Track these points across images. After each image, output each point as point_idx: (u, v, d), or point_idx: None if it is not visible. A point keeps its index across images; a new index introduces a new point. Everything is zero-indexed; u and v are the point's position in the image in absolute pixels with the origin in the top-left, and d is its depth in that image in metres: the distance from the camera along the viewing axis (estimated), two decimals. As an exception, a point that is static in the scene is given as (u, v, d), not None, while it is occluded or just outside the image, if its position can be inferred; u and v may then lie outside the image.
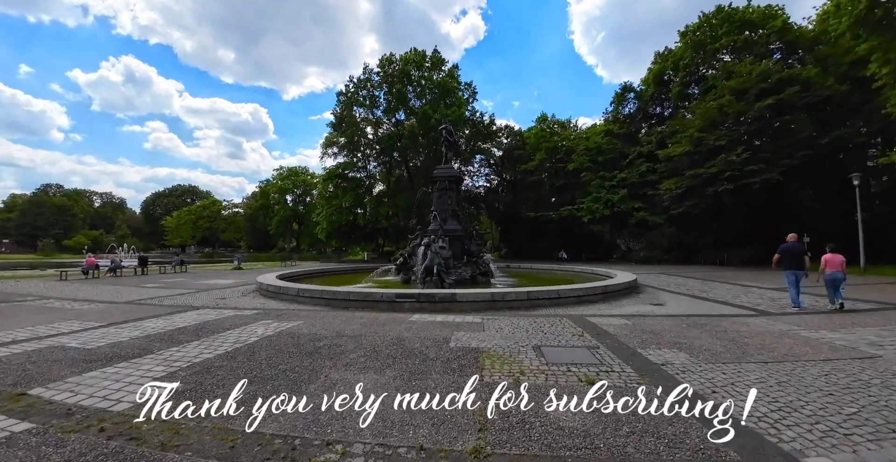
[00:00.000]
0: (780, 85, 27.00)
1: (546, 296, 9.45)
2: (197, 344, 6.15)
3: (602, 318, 8.19)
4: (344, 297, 9.39)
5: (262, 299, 11.39)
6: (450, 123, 19.09)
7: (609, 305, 10.03)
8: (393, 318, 8.03)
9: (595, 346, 5.88)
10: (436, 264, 13.49)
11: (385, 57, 35.30)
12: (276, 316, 8.52)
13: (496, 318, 8.09)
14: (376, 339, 6.22)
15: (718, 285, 15.18)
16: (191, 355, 5.49)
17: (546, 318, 8.17)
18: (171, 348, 5.87)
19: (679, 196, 27.79)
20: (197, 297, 12.16)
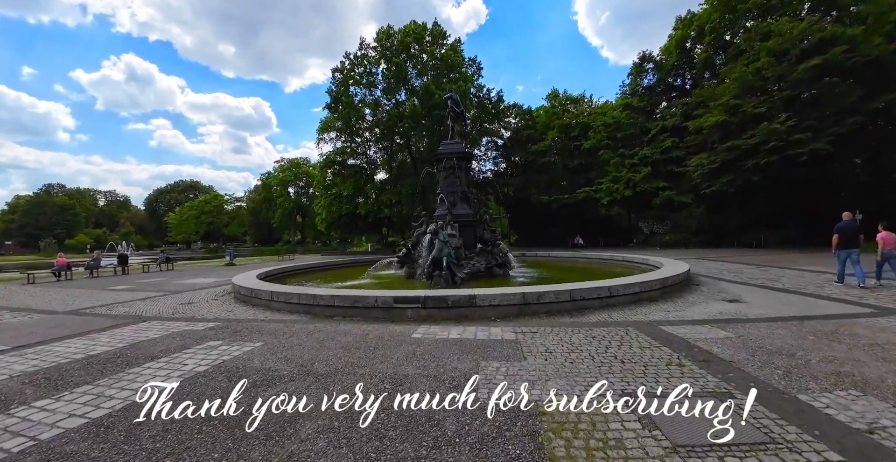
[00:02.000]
0: (822, 45, 23.94)
1: (594, 295, 7.08)
2: (70, 398, 3.89)
3: (683, 328, 5.81)
4: (327, 303, 7.10)
5: (231, 305, 9.17)
6: (455, 93, 16.47)
7: (675, 305, 7.63)
8: (389, 334, 5.72)
9: (723, 392, 3.52)
10: (445, 256, 11.15)
11: (382, 30, 32.20)
12: (232, 333, 6.26)
13: (535, 330, 5.74)
14: (360, 380, 3.90)
15: (781, 272, 12.71)
16: (23, 429, 3.22)
17: (605, 329, 5.80)
18: (14, 410, 3.62)
19: (712, 172, 25.00)
20: (158, 304, 10.01)
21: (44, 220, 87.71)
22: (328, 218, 38.08)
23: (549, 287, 7.13)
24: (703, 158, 25.36)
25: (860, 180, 24.92)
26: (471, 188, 16.05)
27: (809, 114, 22.94)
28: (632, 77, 38.46)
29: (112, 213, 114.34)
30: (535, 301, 6.67)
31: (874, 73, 24.16)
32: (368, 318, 6.81)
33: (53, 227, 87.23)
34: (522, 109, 41.13)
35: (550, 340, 5.15)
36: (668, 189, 29.76)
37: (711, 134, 26.06)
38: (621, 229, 38.89)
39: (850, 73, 23.84)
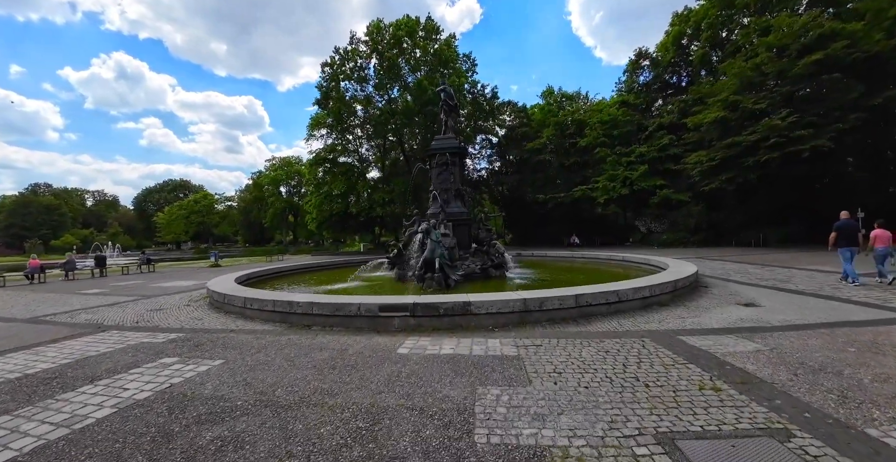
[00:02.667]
0: (822, 40, 23.54)
1: (602, 300, 6.39)
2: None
3: (706, 339, 5.14)
4: (304, 311, 6.35)
5: (203, 312, 8.37)
6: (449, 86, 15.73)
7: (688, 310, 6.97)
8: (372, 349, 4.99)
9: (777, 427, 2.83)
10: (437, 256, 10.44)
11: (373, 23, 31.23)
12: (192, 347, 5.49)
13: (538, 343, 5.03)
14: (328, 415, 3.16)
15: (789, 272, 12.17)
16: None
17: (617, 340, 5.11)
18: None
19: (711, 170, 24.49)
20: (125, 310, 9.18)
21: (29, 221, 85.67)
22: (319, 217, 37.08)
23: (553, 292, 6.44)
24: (702, 156, 24.84)
25: (862, 178, 24.52)
26: (465, 186, 15.33)
27: (810, 110, 22.50)
28: (628, 74, 37.94)
29: (100, 214, 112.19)
30: (537, 308, 5.97)
31: (875, 69, 23.81)
32: (350, 328, 6.07)
33: (39, 227, 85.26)
34: (517, 107, 40.45)
35: (558, 356, 4.45)
36: (666, 187, 29.24)
37: (710, 131, 25.56)
38: (617, 228, 38.37)
39: (850, 69, 23.46)
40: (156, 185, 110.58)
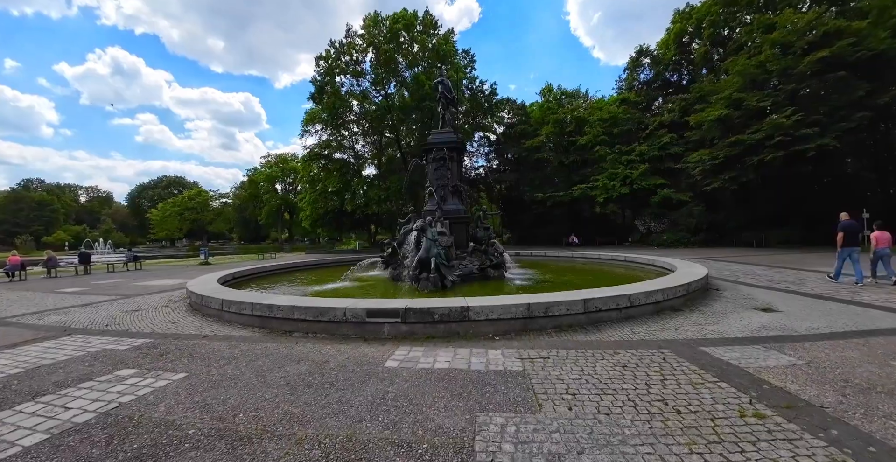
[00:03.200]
0: (826, 38, 23.14)
1: (612, 305, 5.84)
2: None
3: (731, 350, 4.60)
4: (285, 315, 5.76)
5: (181, 314, 7.77)
6: (447, 77, 15.13)
7: (704, 316, 6.44)
8: (356, 361, 4.41)
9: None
10: (433, 256, 9.88)
11: (369, 16, 30.44)
12: (157, 356, 4.90)
13: (545, 355, 4.47)
14: (294, 452, 2.58)
15: (798, 274, 11.70)
16: None
17: (633, 352, 4.56)
18: None
19: (713, 169, 24.03)
20: (98, 311, 8.58)
21: (21, 217, 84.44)
22: (313, 214, 36.32)
23: (559, 296, 5.88)
24: (704, 154, 24.39)
25: (864, 178, 24.14)
26: (463, 182, 14.76)
27: (816, 108, 22.08)
28: (628, 72, 37.47)
29: (94, 210, 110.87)
30: (543, 314, 5.41)
31: (880, 68, 23.41)
32: (336, 335, 5.49)
33: (31, 223, 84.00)
34: (516, 104, 39.84)
35: (569, 373, 3.89)
36: (667, 186, 28.78)
37: (712, 130, 25.10)
38: (616, 228, 37.93)
39: (855, 67, 23.05)
40: (150, 182, 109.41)
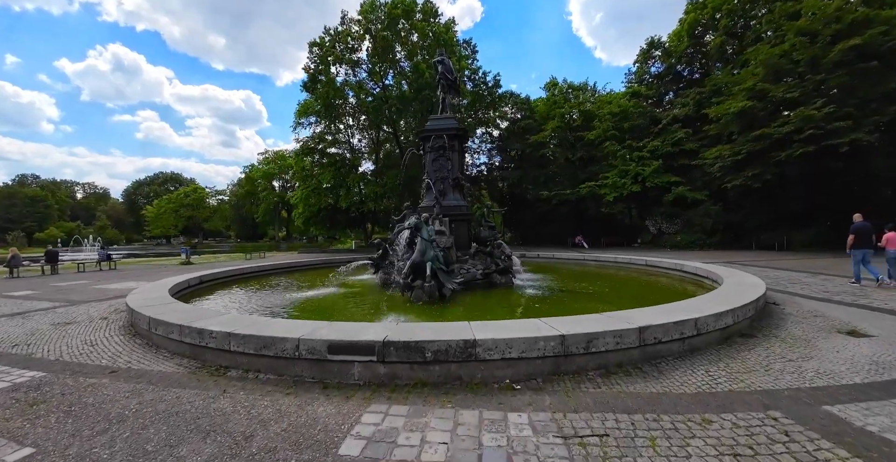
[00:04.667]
0: (854, 27, 21.50)
1: (675, 334, 4.21)
2: None
3: (866, 410, 2.98)
4: (220, 345, 4.14)
5: (110, 332, 6.12)
6: (447, 57, 13.46)
7: (787, 346, 4.80)
8: (298, 439, 2.78)
9: None
10: (429, 259, 8.24)
11: (367, 2, 28.58)
12: (27, 406, 3.29)
13: (601, 428, 2.84)
14: None
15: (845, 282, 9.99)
16: None
17: (733, 420, 2.92)
18: None
19: (734, 165, 22.35)
20: (25, 324, 7.01)
21: (14, 212, 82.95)
22: (306, 212, 34.55)
23: (603, 323, 4.23)
24: (724, 150, 22.70)
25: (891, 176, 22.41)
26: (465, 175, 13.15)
27: (847, 100, 20.41)
28: (638, 64, 35.73)
29: (89, 206, 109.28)
30: (583, 350, 3.78)
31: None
32: (285, 376, 3.86)
33: (24, 219, 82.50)
34: (520, 99, 38.05)
35: (651, 475, 2.27)
36: (681, 184, 27.08)
37: (731, 123, 23.39)
38: (624, 228, 36.20)
39: (887, 57, 21.37)
40: (146, 178, 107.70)
